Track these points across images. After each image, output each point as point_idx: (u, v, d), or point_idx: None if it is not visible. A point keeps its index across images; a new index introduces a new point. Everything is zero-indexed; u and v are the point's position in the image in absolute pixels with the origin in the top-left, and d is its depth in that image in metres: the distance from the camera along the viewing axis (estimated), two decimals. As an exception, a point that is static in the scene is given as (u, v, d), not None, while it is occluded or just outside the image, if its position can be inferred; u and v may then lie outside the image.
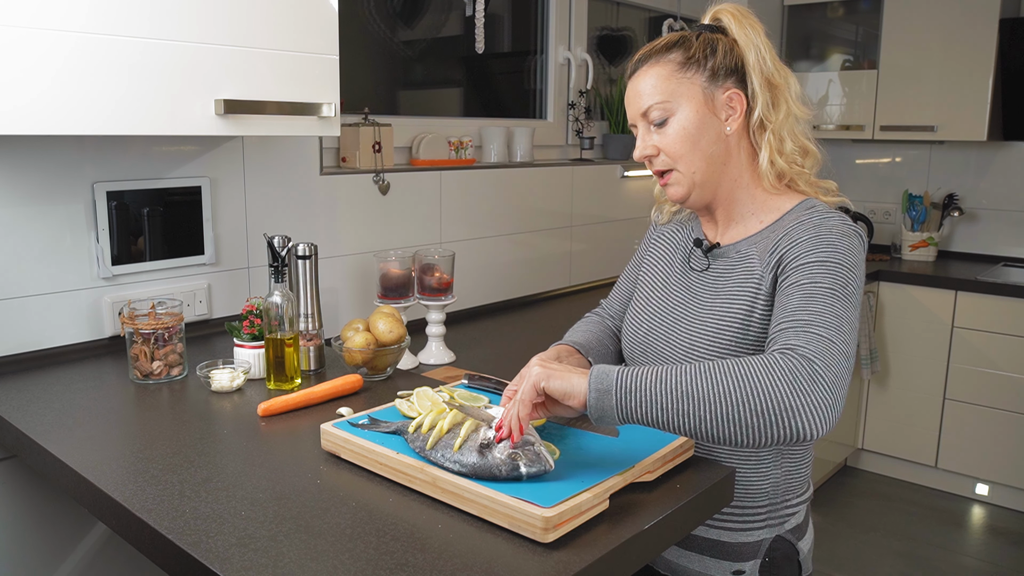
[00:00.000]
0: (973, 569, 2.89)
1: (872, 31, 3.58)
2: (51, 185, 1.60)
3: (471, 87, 2.74)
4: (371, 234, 2.18)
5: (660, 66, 1.17)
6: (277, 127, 1.54)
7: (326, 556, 0.89)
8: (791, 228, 1.13)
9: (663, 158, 1.18)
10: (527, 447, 0.99)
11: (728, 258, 1.21)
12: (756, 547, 1.21)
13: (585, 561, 0.88)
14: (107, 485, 1.08)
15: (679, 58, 1.16)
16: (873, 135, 3.59)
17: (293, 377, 1.50)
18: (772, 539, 1.22)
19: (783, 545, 1.22)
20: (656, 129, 1.18)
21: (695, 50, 1.16)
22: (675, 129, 1.16)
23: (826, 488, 3.50)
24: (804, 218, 1.14)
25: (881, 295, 3.47)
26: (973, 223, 3.71)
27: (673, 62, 1.16)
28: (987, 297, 3.19)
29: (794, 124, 1.19)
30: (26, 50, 1.21)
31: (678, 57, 1.16)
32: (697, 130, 1.16)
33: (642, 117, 1.18)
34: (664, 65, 1.16)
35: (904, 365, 3.45)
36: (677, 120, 1.16)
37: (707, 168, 1.17)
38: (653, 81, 1.16)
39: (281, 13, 1.50)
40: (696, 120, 1.16)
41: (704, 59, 1.16)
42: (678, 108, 1.16)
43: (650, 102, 1.16)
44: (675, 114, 1.16)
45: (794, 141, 1.19)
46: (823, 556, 2.93)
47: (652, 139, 1.18)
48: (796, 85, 1.21)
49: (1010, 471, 3.25)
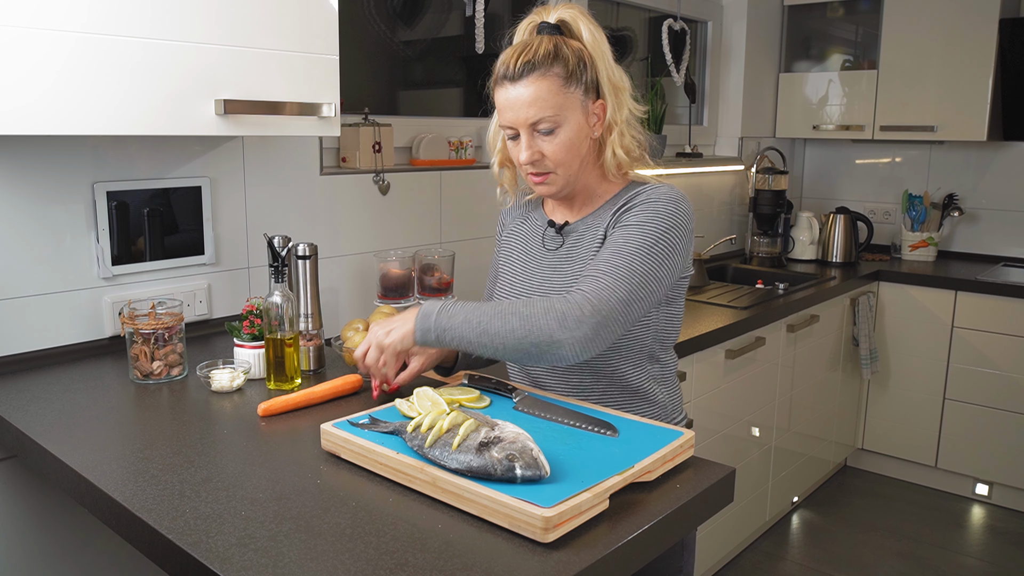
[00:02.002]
0: (973, 569, 2.89)
1: (872, 31, 3.58)
2: (51, 185, 1.60)
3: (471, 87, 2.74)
4: (371, 234, 2.18)
5: (548, 80, 1.24)
6: (277, 127, 1.54)
7: (326, 556, 0.90)
8: (630, 198, 1.30)
9: (545, 163, 1.29)
10: (525, 451, 0.99)
11: (578, 233, 1.37)
12: None
13: (585, 561, 0.88)
14: (107, 485, 1.08)
15: (562, 72, 1.24)
16: (873, 135, 3.59)
17: (293, 377, 1.50)
18: None
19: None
20: (541, 136, 1.27)
21: (572, 65, 1.25)
22: (562, 140, 1.27)
23: (826, 488, 3.50)
24: (638, 191, 1.31)
25: (881, 295, 3.47)
26: (973, 223, 3.71)
27: (558, 76, 1.24)
28: (987, 297, 3.19)
29: (632, 120, 1.33)
30: (27, 50, 1.21)
31: (561, 72, 1.24)
32: (578, 140, 1.28)
33: (529, 126, 1.26)
34: (551, 79, 1.24)
35: (904, 365, 3.45)
36: (564, 132, 1.26)
37: (579, 169, 1.32)
38: (543, 95, 1.24)
39: (281, 13, 1.50)
40: (578, 131, 1.28)
41: (580, 74, 1.26)
42: (564, 121, 1.26)
43: (541, 115, 1.25)
44: (562, 126, 1.26)
45: (631, 135, 1.33)
46: (823, 556, 2.94)
47: (538, 145, 1.28)
48: (629, 83, 1.33)
49: (1010, 471, 3.25)
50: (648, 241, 1.23)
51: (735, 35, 3.61)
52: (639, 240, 1.23)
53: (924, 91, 3.42)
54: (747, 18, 3.57)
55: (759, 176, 3.64)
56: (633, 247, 1.22)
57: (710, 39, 3.60)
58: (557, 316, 1.16)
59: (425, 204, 2.31)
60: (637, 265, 1.21)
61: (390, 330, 1.26)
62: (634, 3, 3.21)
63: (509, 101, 1.27)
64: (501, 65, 1.28)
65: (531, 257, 1.42)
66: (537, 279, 1.39)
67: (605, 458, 1.06)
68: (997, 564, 2.91)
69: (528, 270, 1.41)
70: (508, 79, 1.26)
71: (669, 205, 1.27)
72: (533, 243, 1.43)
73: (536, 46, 1.25)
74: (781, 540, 3.07)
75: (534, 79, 1.24)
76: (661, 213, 1.25)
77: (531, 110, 1.25)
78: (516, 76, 1.25)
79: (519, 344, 1.17)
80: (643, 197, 1.28)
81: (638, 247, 1.22)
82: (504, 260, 1.49)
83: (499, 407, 1.28)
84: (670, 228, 1.25)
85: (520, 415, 1.24)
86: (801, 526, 3.19)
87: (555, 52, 1.24)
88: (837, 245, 3.63)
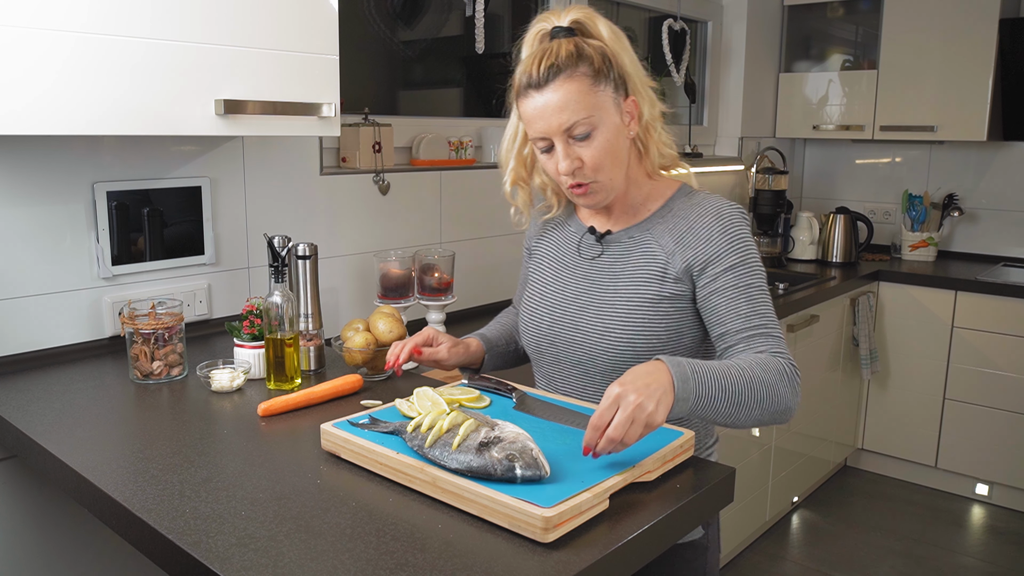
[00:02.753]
0: (973, 569, 2.89)
1: (872, 31, 3.58)
2: (51, 185, 1.60)
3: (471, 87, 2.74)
4: (371, 234, 2.18)
5: (575, 81, 1.17)
6: (277, 127, 1.54)
7: (326, 556, 0.90)
8: (693, 222, 1.24)
9: (585, 171, 1.21)
10: (525, 451, 0.99)
11: (621, 243, 1.30)
12: None
13: (585, 561, 0.88)
14: (107, 485, 1.08)
15: (589, 71, 1.17)
16: (873, 135, 3.59)
17: (293, 377, 1.50)
18: None
19: None
20: (577, 143, 1.19)
21: (598, 63, 1.18)
22: (599, 143, 1.19)
23: (826, 488, 3.50)
24: (698, 209, 1.26)
25: (881, 295, 3.47)
26: (973, 223, 3.71)
27: (585, 76, 1.17)
28: (987, 297, 3.19)
29: (658, 115, 1.27)
30: (27, 50, 1.21)
31: (587, 71, 1.17)
32: (616, 141, 1.21)
33: (563, 133, 1.18)
34: (578, 80, 1.17)
35: (904, 365, 3.45)
36: (601, 134, 1.19)
37: (621, 173, 1.25)
38: (574, 97, 1.16)
39: (281, 13, 1.50)
40: (615, 132, 1.21)
41: (607, 71, 1.19)
42: (600, 122, 1.19)
43: (575, 118, 1.17)
44: (598, 128, 1.19)
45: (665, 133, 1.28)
46: (823, 556, 2.94)
47: (575, 152, 1.20)
48: (649, 79, 1.27)
49: (1010, 471, 3.25)
50: (759, 278, 1.22)
51: (735, 35, 3.61)
52: (757, 282, 1.22)
53: (924, 91, 3.42)
54: (747, 18, 3.57)
55: (759, 176, 3.64)
56: (758, 292, 1.21)
57: (710, 39, 3.60)
58: (789, 383, 1.15)
59: (425, 204, 2.31)
60: (771, 305, 1.23)
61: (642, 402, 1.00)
62: (634, 3, 3.21)
63: (538, 110, 1.19)
64: (523, 75, 1.20)
65: (564, 265, 1.36)
66: (571, 289, 1.32)
67: (605, 458, 1.06)
68: (997, 564, 2.91)
69: (560, 279, 1.35)
70: (533, 87, 1.18)
71: (745, 224, 1.25)
72: (567, 250, 1.37)
73: (557, 49, 1.18)
74: (781, 540, 3.07)
75: (561, 82, 1.17)
76: (747, 240, 1.23)
77: (563, 115, 1.17)
78: (542, 82, 1.17)
79: (762, 416, 1.14)
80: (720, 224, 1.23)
81: (760, 290, 1.22)
82: (535, 268, 1.42)
83: (499, 407, 1.28)
84: (756, 253, 1.24)
85: (520, 415, 1.24)
86: (801, 526, 3.19)
87: (578, 52, 1.18)
88: (837, 245, 3.63)
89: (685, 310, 1.25)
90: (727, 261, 1.22)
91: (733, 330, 1.21)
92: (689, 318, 1.25)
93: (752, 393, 1.11)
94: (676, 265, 1.24)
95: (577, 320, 1.29)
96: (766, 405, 1.12)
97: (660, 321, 1.24)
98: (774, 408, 1.13)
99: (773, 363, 1.15)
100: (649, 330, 1.24)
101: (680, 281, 1.24)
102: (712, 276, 1.22)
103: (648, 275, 1.26)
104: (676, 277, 1.24)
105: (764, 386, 1.12)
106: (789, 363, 1.17)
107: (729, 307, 1.21)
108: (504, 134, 1.34)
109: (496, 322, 1.56)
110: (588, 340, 1.27)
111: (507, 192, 1.37)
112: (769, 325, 1.20)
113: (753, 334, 1.20)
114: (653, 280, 1.25)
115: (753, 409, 1.12)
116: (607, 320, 1.26)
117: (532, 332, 1.36)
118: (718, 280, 1.21)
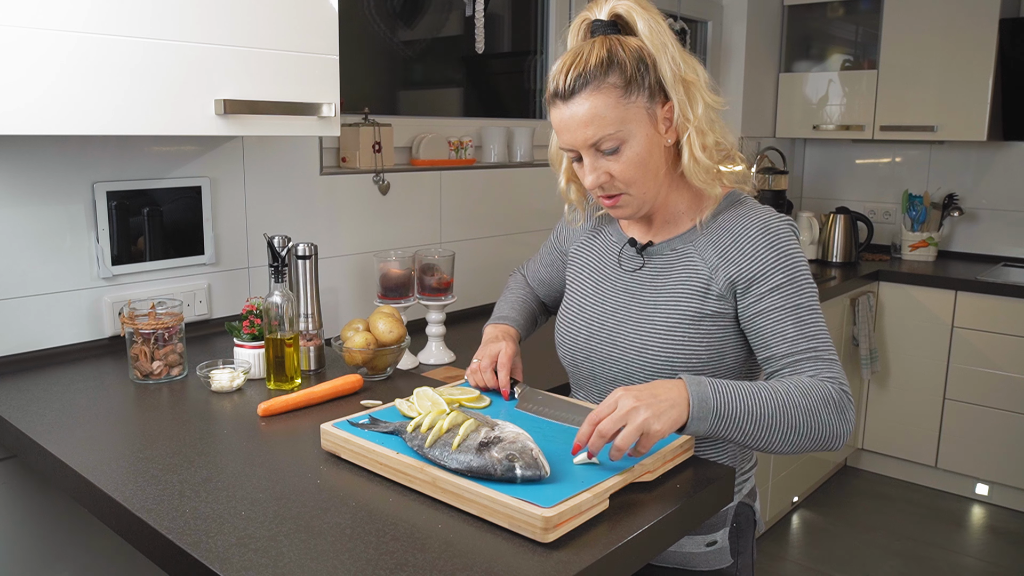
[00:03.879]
0: (973, 569, 2.89)
1: (872, 31, 3.58)
2: (51, 185, 1.60)
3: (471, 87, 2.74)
4: (371, 234, 2.18)
5: (603, 93, 1.11)
6: (277, 127, 1.54)
7: (326, 556, 0.90)
8: (738, 236, 1.17)
9: (616, 184, 1.16)
10: (525, 451, 0.99)
11: (663, 256, 1.24)
12: (724, 516, 1.27)
13: (585, 561, 0.88)
14: (107, 485, 1.08)
15: (619, 81, 1.11)
16: (873, 135, 3.59)
17: (293, 377, 1.50)
18: (735, 506, 1.29)
19: (745, 510, 1.31)
20: (605, 157, 1.14)
21: (631, 70, 1.11)
22: (629, 156, 1.14)
23: (826, 488, 3.50)
24: (744, 221, 1.18)
25: (881, 295, 3.47)
26: (973, 223, 3.71)
27: (615, 87, 1.11)
28: (987, 297, 3.19)
29: (712, 115, 1.17)
30: (27, 50, 1.21)
31: (618, 80, 1.11)
32: (648, 153, 1.15)
33: (590, 147, 1.14)
34: (607, 92, 1.11)
35: (904, 365, 3.45)
36: (631, 147, 1.13)
37: (655, 185, 1.18)
38: (601, 111, 1.11)
39: (281, 13, 1.50)
40: (647, 144, 1.14)
41: (641, 79, 1.12)
42: (630, 136, 1.13)
43: (601, 134, 1.12)
44: (627, 141, 1.13)
45: (714, 132, 1.17)
46: (823, 556, 2.94)
47: (603, 166, 1.15)
48: (704, 73, 1.18)
49: (1010, 471, 3.25)
50: (808, 297, 1.14)
51: (735, 35, 3.61)
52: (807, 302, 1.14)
53: (924, 91, 3.42)
54: (747, 18, 3.57)
55: (759, 176, 3.64)
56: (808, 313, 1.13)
57: (710, 39, 3.60)
58: (836, 409, 1.09)
59: (425, 204, 2.31)
60: (823, 325, 1.15)
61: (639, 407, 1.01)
62: (634, 3, 3.20)
63: (564, 122, 1.14)
64: (552, 81, 1.15)
65: (604, 277, 1.30)
66: (612, 302, 1.27)
67: (605, 458, 1.06)
68: (997, 564, 2.91)
69: (601, 291, 1.29)
70: (560, 97, 1.13)
71: (793, 239, 1.17)
72: (608, 261, 1.31)
73: (587, 55, 1.12)
74: (781, 540, 3.07)
75: (588, 94, 1.11)
76: (796, 256, 1.16)
77: (589, 130, 1.12)
78: (568, 93, 1.12)
79: (802, 442, 1.08)
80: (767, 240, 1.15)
81: (810, 310, 1.14)
82: (572, 276, 1.37)
83: (499, 407, 1.28)
84: (807, 269, 1.16)
85: (521, 414, 1.23)
86: (801, 526, 3.19)
87: (609, 58, 1.11)
88: (837, 245, 3.63)
89: (728, 329, 1.19)
90: (774, 280, 1.14)
91: (779, 355, 1.14)
92: (732, 337, 1.19)
93: (786, 418, 1.06)
94: (719, 281, 1.18)
95: (615, 335, 1.24)
96: (804, 431, 1.07)
97: (701, 340, 1.18)
98: (816, 434, 1.08)
99: (818, 387, 1.09)
100: (689, 348, 1.18)
101: (723, 298, 1.18)
102: (757, 296, 1.15)
103: (689, 291, 1.19)
104: (719, 294, 1.18)
105: (801, 411, 1.07)
106: (839, 388, 1.10)
107: (775, 331, 1.14)
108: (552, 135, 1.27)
109: (515, 300, 1.49)
110: (625, 356, 1.22)
111: (562, 190, 1.32)
112: (819, 348, 1.13)
113: (800, 359, 1.13)
114: (695, 297, 1.19)
115: (788, 434, 1.07)
116: (645, 336, 1.21)
117: (568, 345, 1.31)
118: (764, 300, 1.15)
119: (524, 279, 1.56)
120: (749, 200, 1.23)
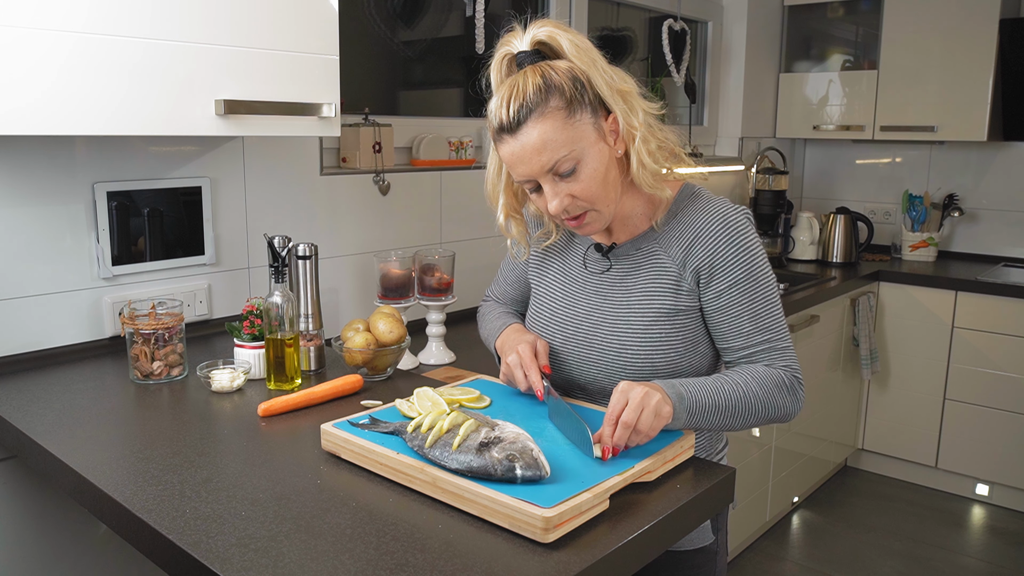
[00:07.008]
0: (973, 569, 2.89)
1: (872, 31, 3.58)
2: (51, 185, 1.60)
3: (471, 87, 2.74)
4: (371, 234, 2.18)
5: (549, 118, 1.11)
6: (277, 127, 1.54)
7: (326, 556, 0.90)
8: (699, 229, 1.21)
9: (579, 203, 1.17)
10: (525, 451, 0.99)
11: (629, 256, 1.27)
12: None
13: (585, 561, 0.88)
14: (107, 485, 1.08)
15: (560, 103, 1.12)
16: (873, 135, 3.59)
17: (293, 377, 1.50)
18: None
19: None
20: (564, 180, 1.15)
21: (568, 90, 1.12)
22: (587, 174, 1.14)
23: (826, 488, 3.50)
24: (702, 215, 1.21)
25: (881, 295, 3.47)
26: (973, 223, 3.71)
27: (558, 109, 1.11)
28: (987, 297, 3.19)
29: (651, 120, 1.20)
30: (27, 51, 1.21)
31: (559, 103, 1.11)
32: (605, 168, 1.16)
33: (547, 173, 1.14)
34: (552, 116, 1.11)
35: (904, 365, 3.45)
36: (587, 165, 1.14)
37: (616, 196, 1.20)
38: (550, 135, 1.11)
39: (281, 13, 1.50)
40: (601, 158, 1.15)
41: (580, 96, 1.13)
42: (583, 154, 1.14)
43: (556, 157, 1.12)
44: (582, 160, 1.14)
45: (655, 137, 1.19)
46: (823, 556, 2.94)
47: (564, 189, 1.15)
48: (634, 82, 1.20)
49: (1010, 471, 3.25)
50: (765, 290, 1.21)
51: (735, 35, 3.61)
52: (763, 295, 1.20)
53: (924, 91, 3.42)
54: (747, 18, 3.57)
55: (759, 176, 3.64)
56: (763, 306, 1.21)
57: (710, 39, 3.60)
58: (789, 392, 1.21)
59: (425, 204, 2.31)
60: (778, 313, 1.23)
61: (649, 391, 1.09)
62: (634, 3, 3.21)
63: (516, 154, 1.14)
64: (494, 119, 1.15)
65: (572, 281, 1.32)
66: (583, 306, 1.28)
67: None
68: (997, 564, 2.91)
69: (570, 296, 1.31)
70: (507, 131, 1.14)
71: (750, 231, 1.21)
72: (574, 265, 1.33)
73: (523, 84, 1.12)
74: (781, 540, 3.07)
75: (534, 122, 1.11)
76: (754, 249, 1.20)
77: (543, 156, 1.12)
78: (514, 125, 1.12)
79: (759, 422, 1.21)
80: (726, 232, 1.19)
81: (766, 303, 1.21)
82: (539, 282, 1.38)
83: (499, 407, 1.28)
84: (765, 260, 1.22)
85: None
86: (801, 526, 3.19)
87: (545, 84, 1.11)
88: (837, 245, 3.63)
89: (700, 320, 1.24)
90: (732, 275, 1.19)
91: (735, 347, 1.23)
92: (703, 327, 1.25)
93: (745, 406, 1.18)
94: (686, 275, 1.22)
95: (592, 339, 1.26)
96: (762, 414, 1.19)
97: (677, 334, 1.22)
98: (771, 416, 1.21)
99: (772, 376, 1.20)
100: (667, 344, 1.21)
101: (692, 292, 1.22)
102: (716, 292, 1.21)
103: (661, 289, 1.23)
104: (689, 289, 1.22)
105: (758, 399, 1.18)
106: (790, 373, 1.21)
107: (731, 326, 1.22)
108: (487, 169, 1.28)
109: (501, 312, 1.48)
110: (604, 358, 1.24)
111: (501, 226, 1.33)
112: (773, 339, 1.22)
113: (755, 351, 1.22)
114: (667, 294, 1.22)
115: (749, 419, 1.19)
116: (623, 337, 1.23)
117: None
118: (723, 296, 1.20)
119: (496, 303, 1.54)
120: (704, 192, 1.27)
